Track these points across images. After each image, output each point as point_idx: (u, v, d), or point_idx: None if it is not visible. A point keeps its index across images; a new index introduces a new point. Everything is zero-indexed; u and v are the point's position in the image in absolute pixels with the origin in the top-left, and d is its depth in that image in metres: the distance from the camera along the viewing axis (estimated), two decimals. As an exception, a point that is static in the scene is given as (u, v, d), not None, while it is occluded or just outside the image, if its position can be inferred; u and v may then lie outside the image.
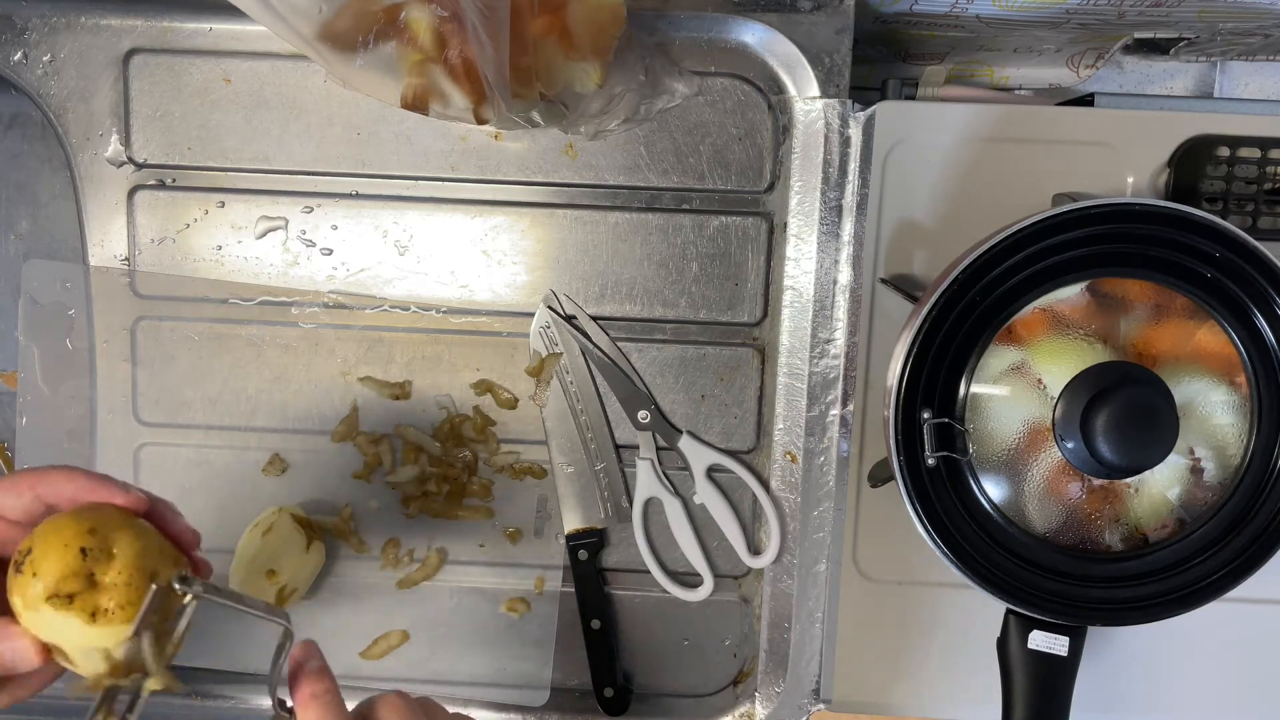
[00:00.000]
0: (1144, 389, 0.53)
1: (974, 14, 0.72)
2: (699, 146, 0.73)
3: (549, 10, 0.61)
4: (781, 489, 0.74)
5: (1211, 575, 0.57)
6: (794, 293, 0.72)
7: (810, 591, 0.73)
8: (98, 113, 0.74)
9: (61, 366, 0.76)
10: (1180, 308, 0.56)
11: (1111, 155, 0.69)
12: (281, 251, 0.75)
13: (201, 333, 0.76)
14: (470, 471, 0.76)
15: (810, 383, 0.72)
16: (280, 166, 0.75)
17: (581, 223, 0.74)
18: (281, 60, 0.74)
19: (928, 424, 0.56)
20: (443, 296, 0.75)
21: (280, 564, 0.72)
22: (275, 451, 0.76)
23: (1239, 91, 0.85)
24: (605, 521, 0.76)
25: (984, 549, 0.57)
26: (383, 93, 0.61)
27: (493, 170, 0.74)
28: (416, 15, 0.57)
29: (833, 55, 0.71)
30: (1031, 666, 0.60)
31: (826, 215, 0.71)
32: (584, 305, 0.75)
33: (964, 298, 0.56)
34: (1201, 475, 0.57)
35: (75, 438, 0.77)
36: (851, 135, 0.71)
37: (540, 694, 0.76)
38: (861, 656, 0.72)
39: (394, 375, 0.76)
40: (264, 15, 0.55)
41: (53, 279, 0.76)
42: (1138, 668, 0.71)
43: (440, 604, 0.77)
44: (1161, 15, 0.71)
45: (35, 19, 0.73)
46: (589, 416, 0.75)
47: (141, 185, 0.75)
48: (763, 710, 0.74)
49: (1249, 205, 0.68)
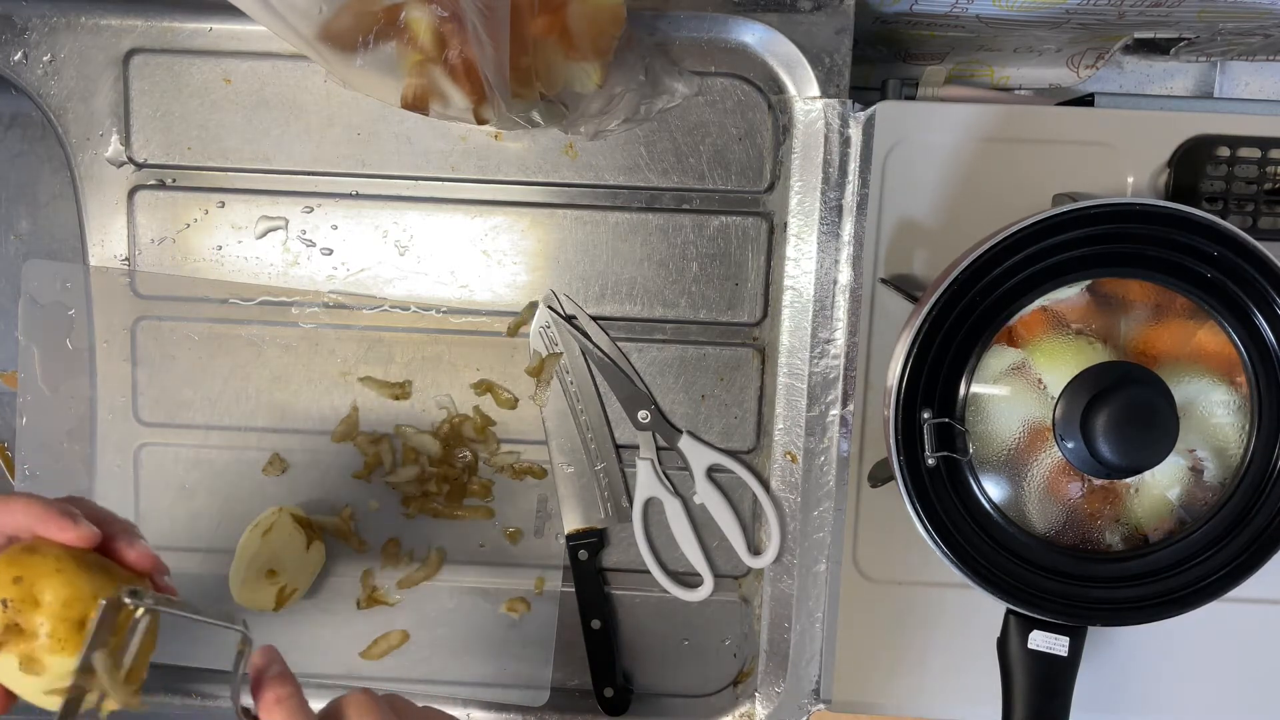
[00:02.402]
0: (1144, 389, 0.53)
1: (974, 14, 0.72)
2: (699, 146, 0.73)
3: (549, 10, 0.61)
4: (781, 489, 0.74)
5: (1211, 575, 0.57)
6: (794, 293, 0.72)
7: (810, 591, 0.73)
8: (98, 113, 0.74)
9: (61, 366, 0.76)
10: (1180, 308, 0.56)
11: (1111, 155, 0.69)
12: (281, 251, 0.75)
13: (201, 333, 0.76)
14: (470, 471, 0.76)
15: (810, 383, 0.72)
16: (280, 166, 0.75)
17: (581, 223, 0.74)
18: (281, 60, 0.74)
19: (928, 424, 0.56)
20: (443, 296, 0.75)
21: (280, 564, 0.72)
22: (275, 451, 0.76)
23: (1239, 91, 0.85)
24: (605, 521, 0.76)
25: (984, 549, 0.57)
26: (383, 93, 0.61)
27: (493, 170, 0.74)
28: (416, 15, 0.57)
29: (833, 55, 0.71)
30: (1031, 666, 0.60)
31: (826, 215, 0.71)
32: (584, 305, 0.75)
33: (964, 298, 0.56)
34: (1201, 475, 0.57)
35: (75, 438, 0.77)
36: (851, 135, 0.71)
37: (540, 694, 0.76)
38: (861, 656, 0.72)
39: (394, 375, 0.76)
40: (264, 15, 0.55)
41: (53, 279, 0.76)
42: (1138, 668, 0.71)
43: (440, 604, 0.77)
44: (1161, 15, 0.71)
45: (35, 19, 0.73)
46: (589, 416, 0.75)
47: (141, 185, 0.75)
48: (763, 710, 0.74)
49: (1249, 205, 0.68)
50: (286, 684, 0.47)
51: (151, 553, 0.49)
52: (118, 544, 0.48)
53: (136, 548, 0.48)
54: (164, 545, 0.76)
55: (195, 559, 0.76)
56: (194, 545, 0.77)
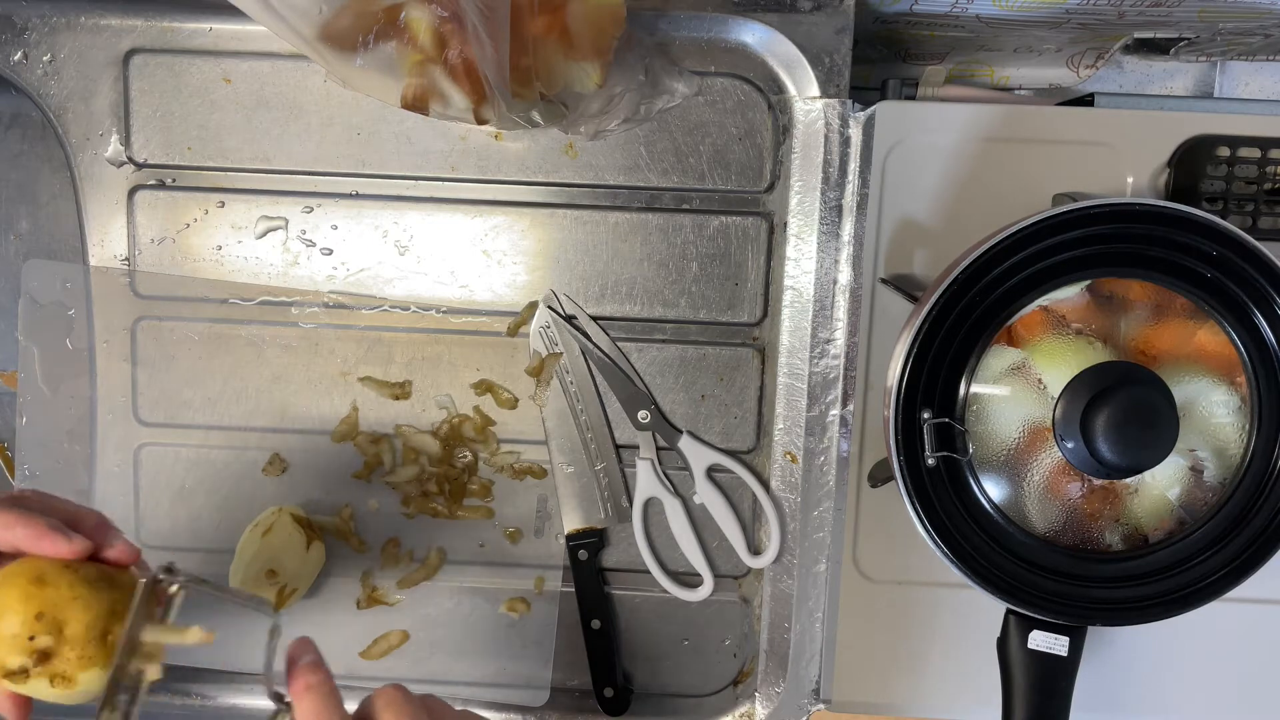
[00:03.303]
0: (1144, 389, 0.53)
1: (974, 14, 0.72)
2: (699, 146, 0.73)
3: (549, 10, 0.61)
4: (781, 489, 0.74)
5: (1211, 575, 0.57)
6: (794, 293, 0.72)
7: (810, 591, 0.73)
8: (98, 113, 0.74)
9: (61, 366, 0.76)
10: (1180, 308, 0.56)
11: (1111, 155, 0.69)
12: (281, 251, 0.75)
13: (201, 333, 0.76)
14: (470, 471, 0.76)
15: (810, 383, 0.72)
16: (280, 166, 0.75)
17: (581, 223, 0.74)
18: (281, 60, 0.74)
19: (928, 424, 0.56)
20: (443, 296, 0.75)
21: (280, 564, 0.72)
22: (275, 451, 0.76)
23: (1239, 91, 0.85)
24: (605, 521, 0.76)
25: (984, 549, 0.57)
26: (383, 93, 0.61)
27: (493, 170, 0.74)
28: (416, 15, 0.57)
29: (833, 55, 0.71)
30: (1031, 666, 0.60)
31: (826, 215, 0.71)
32: (584, 305, 0.75)
33: (964, 298, 0.56)
34: (1201, 475, 0.57)
35: (75, 438, 0.77)
36: (851, 135, 0.71)
37: (540, 694, 0.76)
38: (861, 656, 0.72)
39: (394, 375, 0.76)
40: (264, 15, 0.55)
41: (53, 279, 0.76)
42: (1138, 668, 0.71)
43: (440, 604, 0.77)
44: (1161, 15, 0.71)
45: (35, 19, 0.73)
46: (589, 416, 0.75)
47: (141, 185, 0.75)
48: (763, 710, 0.74)
49: (1249, 205, 0.68)
50: (318, 671, 0.48)
51: (130, 545, 0.50)
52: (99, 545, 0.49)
53: (115, 547, 0.49)
54: (164, 545, 0.77)
55: (195, 559, 0.76)
56: (194, 545, 0.77)
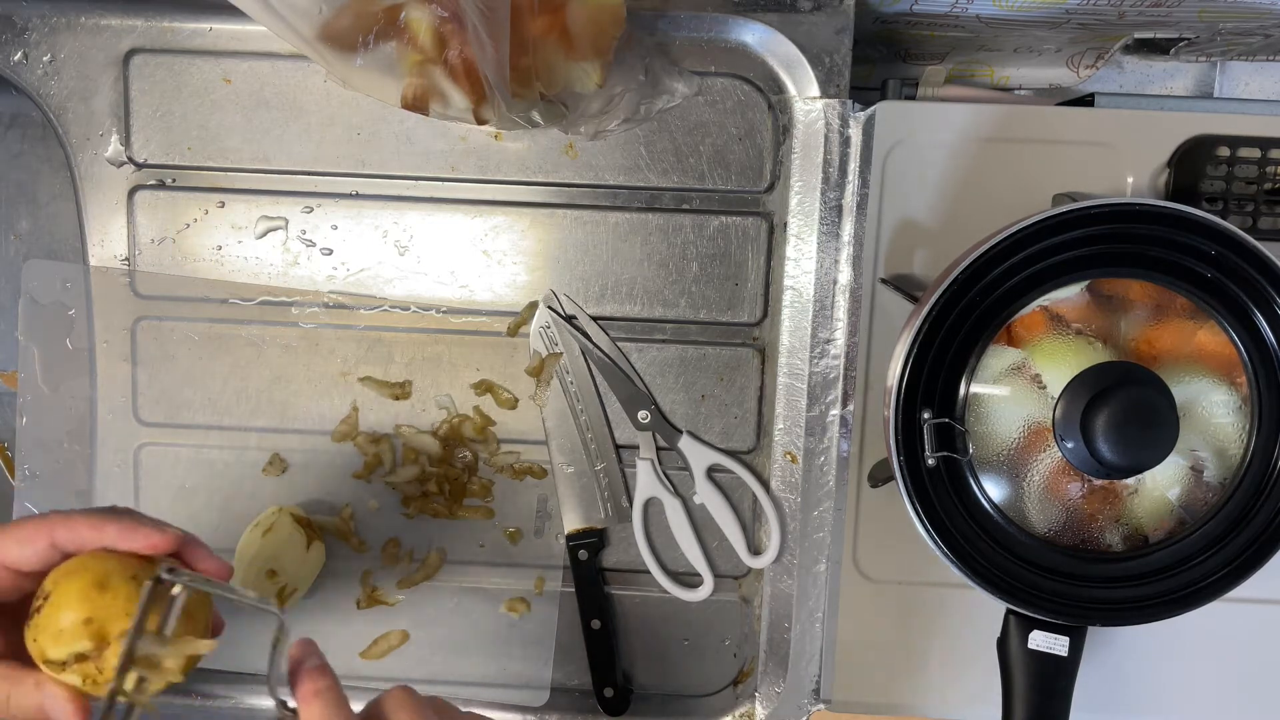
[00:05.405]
0: (1144, 389, 0.53)
1: (974, 14, 0.72)
2: (699, 146, 0.73)
3: (549, 10, 0.61)
4: (781, 489, 0.74)
5: (1211, 575, 0.57)
6: (794, 293, 0.72)
7: (810, 591, 0.73)
8: (98, 113, 0.74)
9: (61, 366, 0.76)
10: (1180, 308, 0.56)
11: (1111, 155, 0.69)
12: (281, 251, 0.75)
13: (201, 333, 0.76)
14: (470, 471, 0.76)
15: (810, 383, 0.72)
16: (280, 166, 0.75)
17: (581, 223, 0.74)
18: (281, 60, 0.74)
19: (928, 424, 0.56)
20: (443, 296, 0.75)
21: (280, 564, 0.72)
22: (275, 451, 0.76)
23: (1239, 91, 0.85)
24: (605, 521, 0.76)
25: (984, 549, 0.57)
26: (383, 93, 0.61)
27: (493, 170, 0.74)
28: (416, 15, 0.57)
29: (833, 55, 0.71)
30: (1031, 666, 0.60)
31: (826, 215, 0.71)
32: (584, 305, 0.75)
33: (964, 298, 0.56)
34: (1201, 475, 0.57)
35: (75, 438, 0.77)
36: (851, 135, 0.71)
37: (540, 694, 0.76)
38: (861, 656, 0.72)
39: (394, 375, 0.76)
40: (264, 15, 0.55)
41: (53, 279, 0.76)
42: (1138, 668, 0.71)
43: (440, 604, 0.77)
44: (1161, 15, 0.71)
45: (35, 19, 0.73)
46: (589, 416, 0.75)
47: (141, 185, 0.75)
48: (763, 710, 0.74)
49: (1249, 205, 0.68)
50: (324, 676, 0.47)
51: (221, 562, 0.50)
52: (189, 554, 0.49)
53: (209, 560, 0.49)
54: (164, 545, 0.77)
55: (195, 559, 0.76)
56: (194, 545, 0.77)
